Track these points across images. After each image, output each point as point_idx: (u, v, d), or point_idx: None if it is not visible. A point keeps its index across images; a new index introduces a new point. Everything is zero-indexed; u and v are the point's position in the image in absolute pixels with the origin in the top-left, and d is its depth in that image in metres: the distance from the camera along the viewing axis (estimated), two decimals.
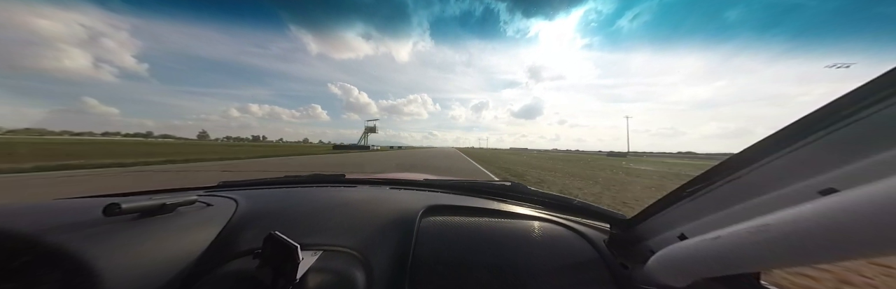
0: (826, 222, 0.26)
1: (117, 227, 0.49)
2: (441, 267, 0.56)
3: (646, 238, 0.60)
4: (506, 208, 0.82)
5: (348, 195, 0.88)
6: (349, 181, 1.20)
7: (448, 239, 0.63)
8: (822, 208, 0.27)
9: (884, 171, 0.28)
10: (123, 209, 0.49)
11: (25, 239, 0.42)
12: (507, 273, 0.55)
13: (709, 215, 0.46)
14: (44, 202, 0.62)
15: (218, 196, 0.81)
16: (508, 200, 0.96)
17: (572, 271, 0.57)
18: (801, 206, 0.29)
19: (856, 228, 0.25)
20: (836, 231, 0.26)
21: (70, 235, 0.44)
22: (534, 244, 0.63)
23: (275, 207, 0.75)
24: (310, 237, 0.59)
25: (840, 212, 0.26)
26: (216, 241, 0.57)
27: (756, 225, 0.32)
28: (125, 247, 0.46)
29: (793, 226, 0.29)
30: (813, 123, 0.33)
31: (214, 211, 0.68)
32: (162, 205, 0.56)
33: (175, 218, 0.58)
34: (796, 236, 0.28)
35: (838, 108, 0.31)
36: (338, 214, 0.71)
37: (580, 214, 0.85)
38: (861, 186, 0.26)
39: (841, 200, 0.26)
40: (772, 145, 0.37)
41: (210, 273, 0.49)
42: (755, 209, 0.39)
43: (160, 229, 0.53)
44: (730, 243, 0.35)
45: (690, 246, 0.41)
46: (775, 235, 0.30)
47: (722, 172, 0.43)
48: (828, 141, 0.32)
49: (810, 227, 0.27)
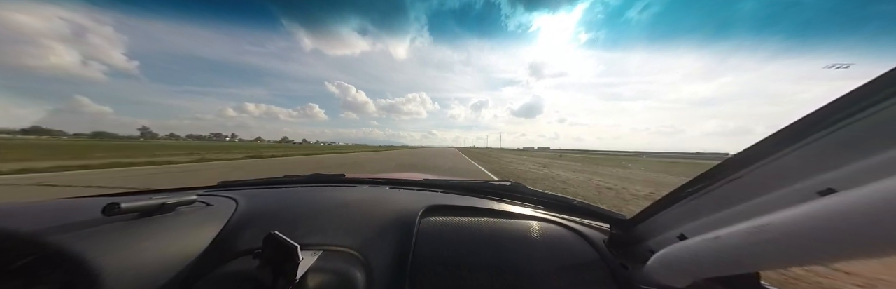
0: (825, 222, 0.27)
1: (117, 226, 0.49)
2: (441, 267, 0.56)
3: (646, 238, 0.60)
4: (506, 208, 0.82)
5: (348, 195, 0.88)
6: (349, 181, 1.20)
7: (448, 239, 0.63)
8: (822, 209, 0.27)
9: (883, 172, 0.28)
10: (123, 209, 0.49)
11: (25, 239, 0.42)
12: (507, 273, 0.55)
13: (708, 215, 0.46)
14: (44, 202, 0.62)
15: (217, 196, 0.81)
16: (508, 201, 0.96)
17: (572, 271, 0.57)
18: (801, 206, 0.29)
19: (855, 228, 0.25)
20: (836, 231, 0.26)
21: (70, 234, 0.44)
22: (534, 244, 0.63)
23: (274, 207, 0.75)
24: (310, 237, 0.59)
25: (839, 212, 0.26)
26: (216, 241, 0.57)
27: (756, 225, 0.32)
28: (125, 247, 0.46)
29: (792, 226, 0.29)
30: (812, 123, 0.33)
31: (214, 211, 0.68)
32: (161, 205, 0.56)
33: (175, 218, 0.58)
34: (796, 237, 0.29)
35: (837, 108, 0.31)
36: (338, 214, 0.71)
37: (580, 214, 0.85)
38: (860, 186, 0.26)
39: (840, 201, 0.27)
40: (771, 146, 0.37)
41: (210, 273, 0.49)
42: (755, 209, 0.39)
43: (160, 228, 0.53)
44: (730, 244, 0.35)
45: (690, 246, 0.41)
46: (775, 235, 0.30)
47: (722, 172, 0.43)
48: (827, 142, 0.32)
49: (809, 227, 0.28)
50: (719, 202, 0.44)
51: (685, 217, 0.51)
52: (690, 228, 0.50)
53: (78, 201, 0.65)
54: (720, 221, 0.44)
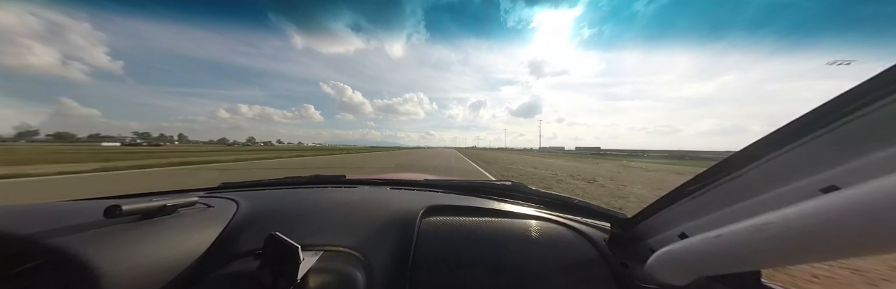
0: (827, 220, 0.26)
1: (118, 229, 0.49)
2: (442, 267, 0.56)
3: (646, 237, 0.60)
4: (506, 208, 0.82)
5: (349, 196, 0.88)
6: (349, 182, 1.20)
7: (449, 239, 0.63)
8: (824, 206, 0.27)
9: (885, 168, 0.28)
10: (124, 211, 0.49)
11: (27, 241, 0.42)
12: (507, 273, 0.55)
13: (710, 214, 0.46)
14: (45, 204, 0.62)
15: (218, 197, 0.81)
16: (509, 200, 0.96)
17: (573, 270, 0.57)
18: (803, 204, 0.29)
19: (858, 226, 0.25)
20: (838, 229, 0.26)
21: (71, 237, 0.44)
22: (534, 244, 0.63)
23: (275, 208, 0.75)
24: (310, 238, 0.59)
25: (841, 210, 0.26)
26: (217, 242, 0.57)
27: (757, 223, 0.32)
28: (126, 249, 0.46)
29: (794, 224, 0.29)
30: (814, 120, 0.33)
31: (215, 212, 0.68)
32: (162, 206, 0.56)
33: (176, 219, 0.58)
34: (797, 235, 0.28)
35: (839, 105, 0.31)
36: (338, 214, 0.71)
37: (581, 213, 0.85)
38: (863, 183, 0.26)
39: (842, 198, 0.26)
40: (773, 143, 0.37)
41: (211, 274, 0.49)
42: (756, 207, 0.39)
43: (161, 230, 0.53)
44: (731, 242, 0.35)
45: (691, 245, 0.41)
46: (776, 233, 0.30)
47: (723, 170, 0.43)
48: (829, 139, 0.32)
49: (811, 225, 0.27)
50: (720, 200, 0.44)
51: (686, 215, 0.50)
52: (691, 226, 0.49)
53: (79, 204, 0.65)
54: (721, 219, 0.44)
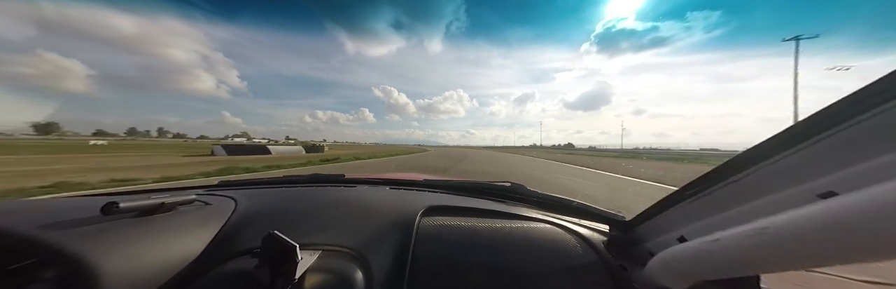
0: (825, 225, 0.26)
1: (115, 226, 0.49)
2: (440, 268, 0.56)
3: (645, 240, 0.60)
4: (505, 209, 0.82)
5: (348, 195, 0.88)
6: (349, 181, 1.20)
7: (447, 240, 0.63)
8: (822, 211, 0.27)
9: (884, 174, 0.28)
10: (122, 208, 0.49)
11: (23, 237, 0.42)
12: (505, 275, 0.55)
13: (708, 218, 0.46)
14: (42, 200, 0.62)
15: (217, 195, 0.81)
16: (508, 201, 0.96)
17: (571, 272, 0.57)
18: (801, 209, 0.29)
19: (855, 231, 0.25)
20: (836, 234, 0.26)
21: (68, 233, 0.44)
22: (533, 246, 0.63)
23: (274, 207, 0.75)
24: (309, 237, 0.59)
25: (839, 215, 0.26)
26: (215, 240, 0.57)
27: (756, 228, 0.32)
28: (123, 246, 0.46)
29: (792, 229, 0.29)
30: (812, 125, 0.33)
31: (213, 210, 0.68)
32: (161, 204, 0.56)
33: (174, 217, 0.58)
34: (796, 239, 0.28)
35: (837, 111, 0.31)
36: (337, 214, 0.71)
37: (579, 215, 0.85)
38: (860, 189, 0.26)
39: (840, 204, 0.27)
40: (771, 148, 0.37)
41: (209, 273, 0.49)
42: (755, 212, 0.39)
43: (159, 228, 0.53)
44: (730, 246, 0.35)
45: (690, 248, 0.41)
46: (775, 237, 0.30)
47: (722, 174, 0.43)
48: (828, 144, 0.32)
49: (810, 230, 0.27)
50: (719, 204, 0.44)
51: (685, 219, 0.50)
52: (690, 230, 0.49)
53: (77, 200, 0.65)
54: (720, 223, 0.44)
